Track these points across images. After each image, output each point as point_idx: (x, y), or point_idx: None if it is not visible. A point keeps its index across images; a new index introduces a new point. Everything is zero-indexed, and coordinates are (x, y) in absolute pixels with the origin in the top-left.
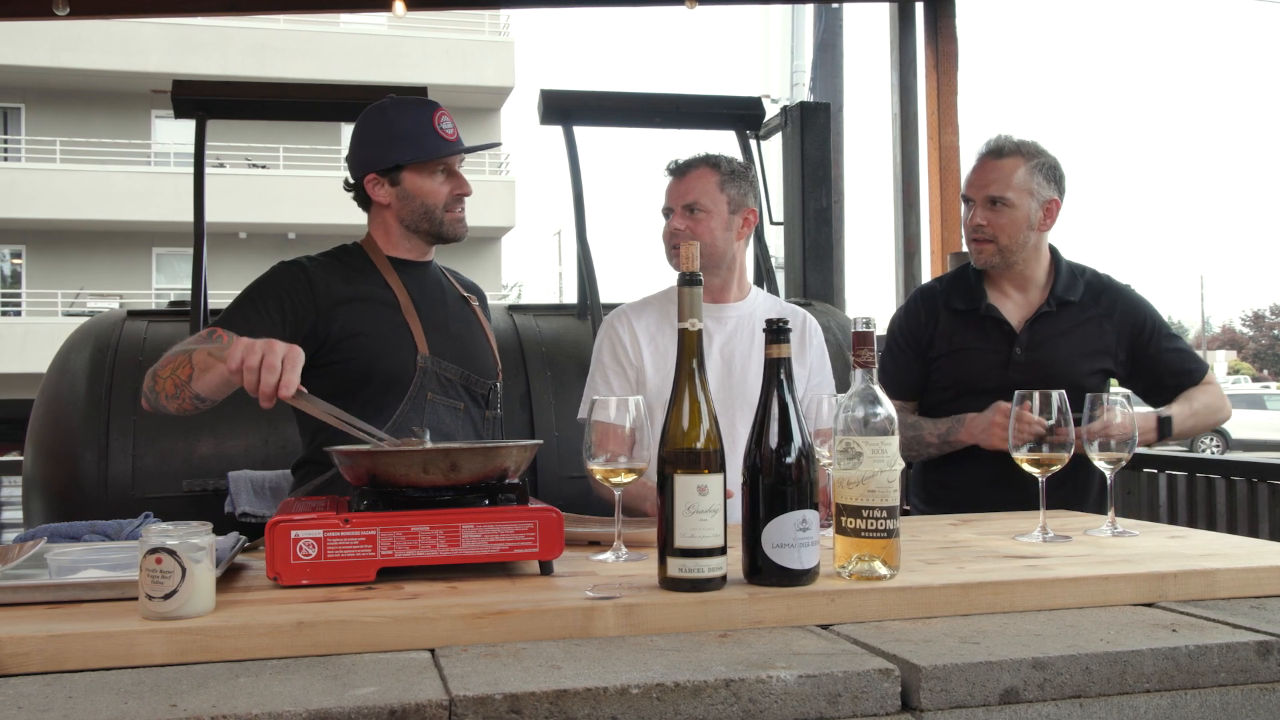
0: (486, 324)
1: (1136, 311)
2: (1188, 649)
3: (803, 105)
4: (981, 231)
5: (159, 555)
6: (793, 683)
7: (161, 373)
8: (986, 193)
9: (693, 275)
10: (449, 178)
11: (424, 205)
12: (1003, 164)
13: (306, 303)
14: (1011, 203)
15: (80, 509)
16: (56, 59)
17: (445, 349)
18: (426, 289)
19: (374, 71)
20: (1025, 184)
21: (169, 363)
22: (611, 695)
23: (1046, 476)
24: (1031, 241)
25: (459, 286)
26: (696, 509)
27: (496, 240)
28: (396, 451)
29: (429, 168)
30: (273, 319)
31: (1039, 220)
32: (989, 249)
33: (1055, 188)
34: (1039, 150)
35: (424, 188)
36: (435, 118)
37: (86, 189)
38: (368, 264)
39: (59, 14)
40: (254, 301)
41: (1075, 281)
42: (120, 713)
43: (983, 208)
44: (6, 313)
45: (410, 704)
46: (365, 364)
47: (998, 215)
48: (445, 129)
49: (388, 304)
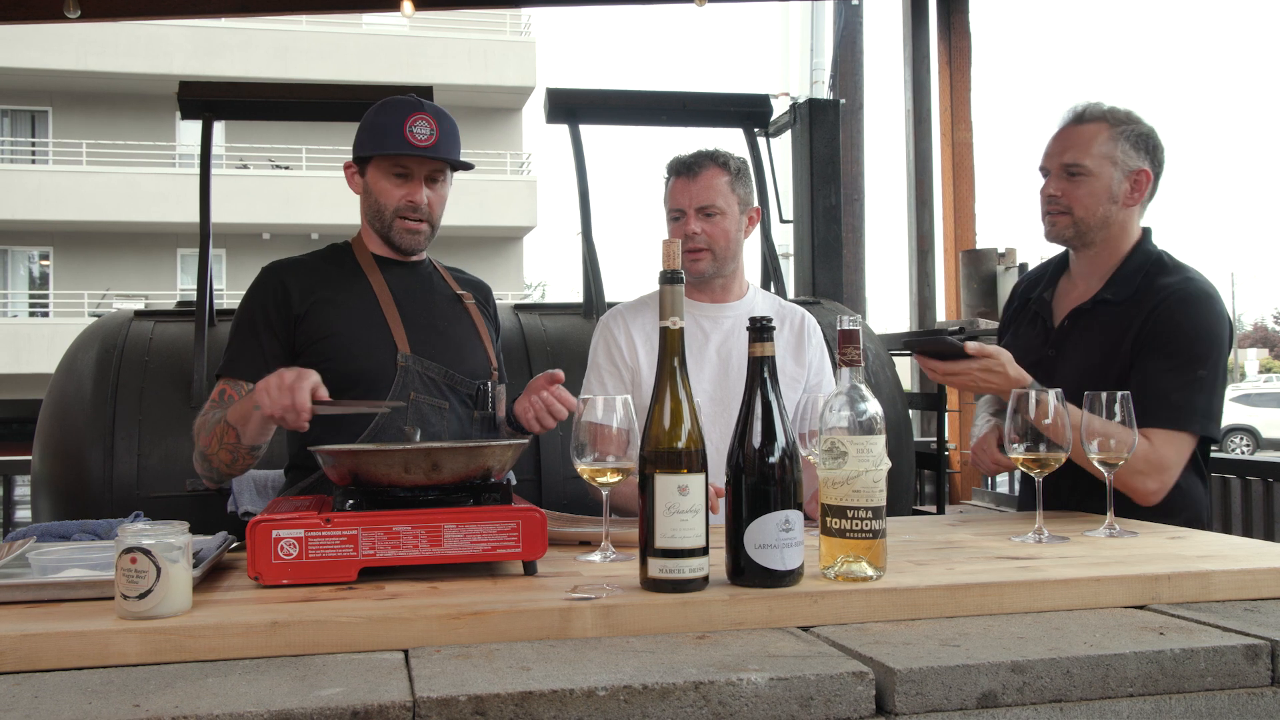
0: (482, 323)
1: (1165, 320)
2: (1173, 652)
3: (811, 102)
4: (1056, 203)
5: (134, 555)
6: (763, 685)
7: (210, 451)
8: (1062, 159)
9: (674, 273)
10: (404, 182)
11: (377, 204)
12: (1083, 129)
13: (283, 311)
14: (1090, 170)
15: (86, 508)
16: (83, 63)
17: (428, 348)
18: (411, 287)
19: (395, 72)
20: (1108, 151)
21: (211, 437)
22: (578, 697)
23: (1043, 476)
24: (1116, 218)
25: (454, 284)
26: (677, 509)
27: (518, 240)
28: (378, 451)
29: (384, 167)
30: (263, 345)
31: (1123, 193)
32: (1063, 221)
33: (1147, 158)
34: (1130, 117)
35: (378, 186)
36: (410, 119)
37: (112, 191)
38: (352, 262)
39: (70, 16)
40: (241, 336)
41: (1132, 277)
42: (83, 712)
43: (1058, 176)
44: (34, 314)
45: (374, 705)
46: (343, 364)
47: (1074, 185)
48: (416, 132)
49: (366, 303)
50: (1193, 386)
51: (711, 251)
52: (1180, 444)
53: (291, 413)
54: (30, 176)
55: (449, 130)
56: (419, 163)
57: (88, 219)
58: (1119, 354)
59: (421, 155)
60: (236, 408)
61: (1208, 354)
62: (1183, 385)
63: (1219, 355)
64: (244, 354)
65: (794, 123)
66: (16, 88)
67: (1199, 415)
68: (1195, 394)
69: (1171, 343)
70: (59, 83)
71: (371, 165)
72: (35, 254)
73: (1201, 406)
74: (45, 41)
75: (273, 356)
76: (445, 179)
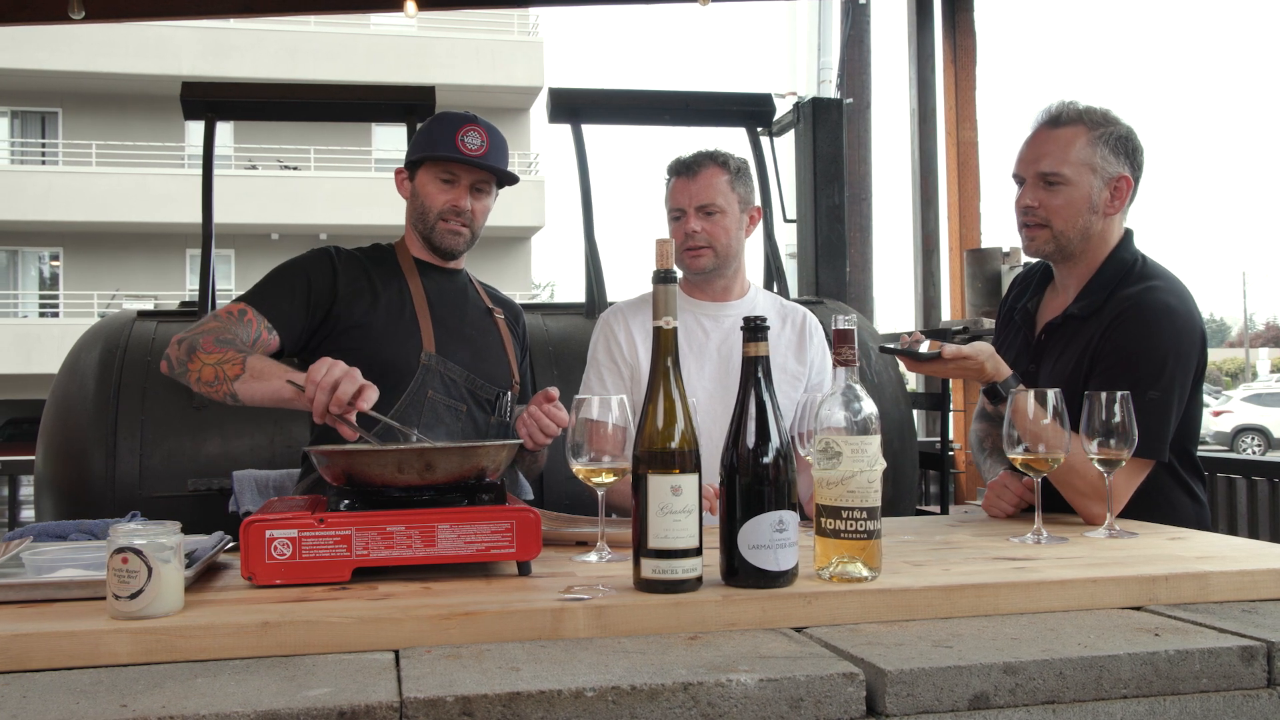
0: (509, 339)
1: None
2: (1167, 654)
3: (815, 101)
4: (1033, 214)
5: (125, 555)
6: (753, 686)
7: (205, 357)
8: (1038, 168)
9: (667, 272)
10: (451, 187)
11: (422, 206)
12: (1059, 134)
13: (329, 286)
14: (1068, 179)
15: (88, 508)
16: (93, 64)
17: (454, 350)
18: (446, 293)
19: (403, 72)
20: (1086, 158)
21: (214, 350)
22: (566, 698)
23: (1041, 477)
24: (1096, 227)
25: (486, 299)
26: (670, 509)
27: (526, 240)
28: (371, 451)
29: (434, 171)
30: (296, 299)
31: (1104, 201)
32: (1042, 235)
33: (1126, 162)
34: (1108, 118)
35: (426, 189)
36: (463, 129)
37: (122, 192)
38: (393, 263)
39: (74, 17)
40: (281, 280)
41: (1100, 291)
42: (70, 712)
43: (1034, 186)
44: (44, 314)
45: (360, 705)
46: (369, 353)
47: (1052, 195)
48: (467, 142)
49: (401, 300)
50: (1142, 410)
51: (713, 249)
52: (1128, 470)
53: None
54: (40, 177)
55: (499, 144)
56: (467, 171)
57: (97, 220)
58: (1081, 371)
59: (470, 163)
60: (269, 365)
61: (1158, 374)
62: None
63: (1171, 374)
64: (277, 295)
65: (797, 122)
66: (27, 89)
67: (1148, 439)
68: (1144, 418)
69: (1119, 364)
70: (69, 84)
71: (421, 170)
72: (45, 254)
73: (1152, 430)
74: (55, 43)
75: (298, 313)
76: (490, 191)
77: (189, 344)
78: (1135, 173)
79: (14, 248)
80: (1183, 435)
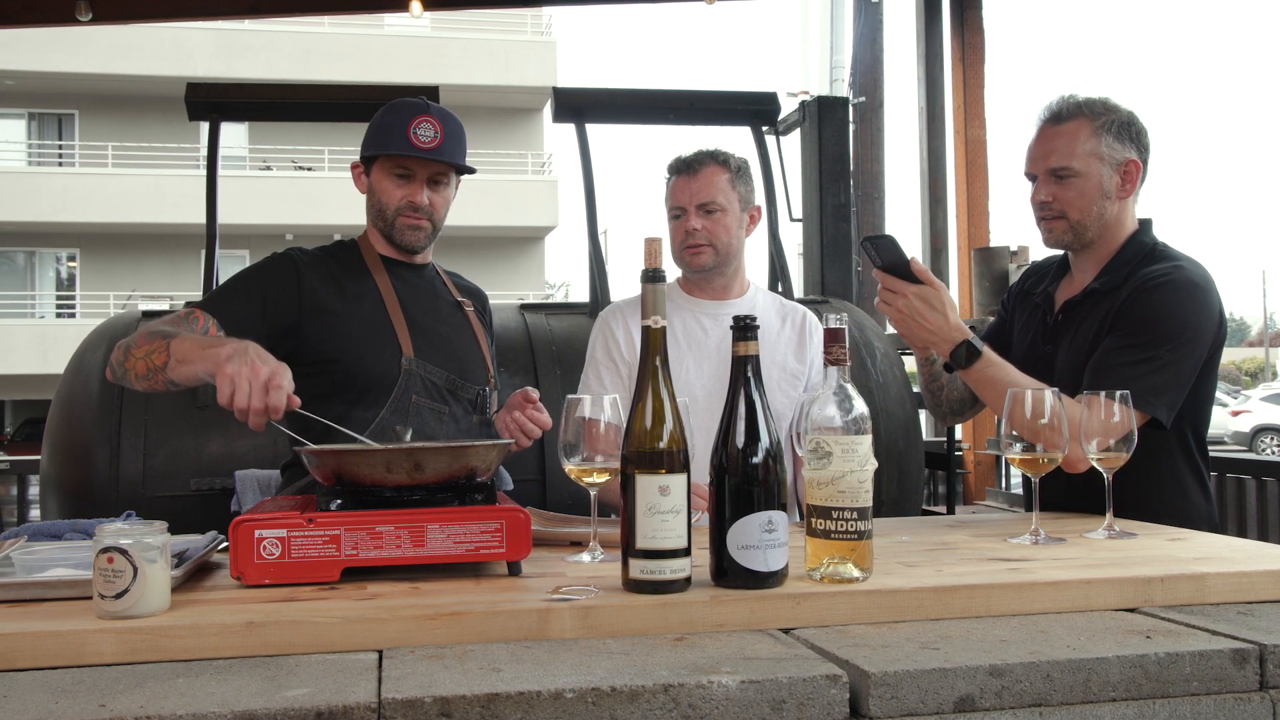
0: (480, 329)
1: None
2: (1157, 656)
3: (820, 100)
4: (1048, 209)
5: (110, 554)
6: (734, 688)
7: (136, 352)
8: (1048, 164)
9: (655, 271)
10: (406, 183)
11: (379, 203)
12: (1064, 129)
13: (291, 297)
14: (1078, 171)
15: (92, 507)
16: (108, 66)
17: (432, 352)
18: (416, 290)
19: (417, 73)
20: (1092, 148)
21: (144, 344)
22: (545, 699)
23: (1040, 476)
24: (1111, 212)
25: (454, 290)
26: (658, 510)
27: (540, 240)
28: (361, 450)
29: (387, 167)
30: (253, 308)
31: (1115, 187)
32: (1059, 226)
33: (1132, 146)
34: (1108, 106)
35: (381, 186)
36: (415, 121)
37: (138, 193)
38: (359, 261)
39: (82, 19)
40: (239, 288)
41: (1123, 267)
42: (48, 712)
43: (1047, 182)
44: (61, 314)
45: (338, 706)
46: (348, 366)
47: (1065, 188)
48: (420, 134)
49: (373, 304)
50: (1149, 363)
51: (713, 247)
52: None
53: (261, 415)
54: (57, 179)
55: (454, 133)
56: (421, 164)
57: (113, 221)
58: (1099, 342)
59: (422, 157)
60: (191, 348)
61: (1174, 336)
62: (1137, 361)
63: (1189, 341)
64: (231, 299)
65: (803, 120)
66: (43, 91)
67: (1149, 392)
68: (1150, 371)
69: (1137, 321)
70: (85, 86)
71: (376, 165)
72: (62, 255)
73: (1155, 385)
74: (71, 45)
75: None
76: (448, 182)
77: (125, 345)
78: (1143, 155)
79: (31, 249)
80: (1195, 418)
